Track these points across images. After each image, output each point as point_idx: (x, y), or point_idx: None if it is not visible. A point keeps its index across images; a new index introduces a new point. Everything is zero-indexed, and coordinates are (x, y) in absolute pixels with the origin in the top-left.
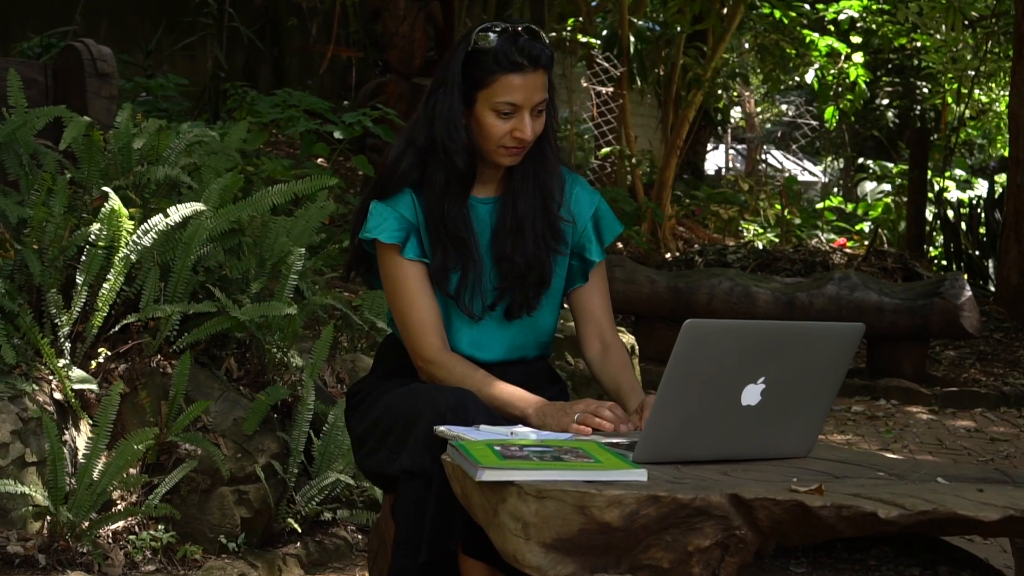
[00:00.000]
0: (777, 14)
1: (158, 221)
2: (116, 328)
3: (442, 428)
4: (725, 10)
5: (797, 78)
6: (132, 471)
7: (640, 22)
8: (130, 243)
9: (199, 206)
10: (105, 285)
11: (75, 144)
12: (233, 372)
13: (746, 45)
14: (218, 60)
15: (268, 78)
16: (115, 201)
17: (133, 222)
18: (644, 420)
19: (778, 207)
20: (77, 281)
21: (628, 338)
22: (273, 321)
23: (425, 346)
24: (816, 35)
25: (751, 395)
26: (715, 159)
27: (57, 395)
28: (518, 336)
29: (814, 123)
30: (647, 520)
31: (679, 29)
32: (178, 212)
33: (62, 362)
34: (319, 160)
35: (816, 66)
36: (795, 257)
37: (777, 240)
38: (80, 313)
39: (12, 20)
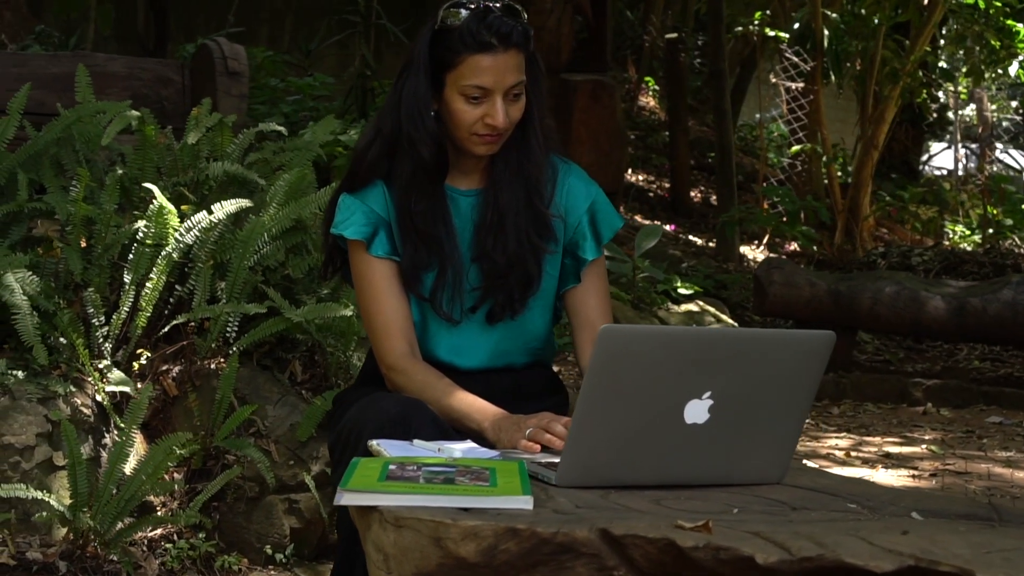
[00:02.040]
0: (981, 4)
1: (202, 218)
2: (166, 328)
3: (373, 443)
4: (926, 1)
5: (1000, 71)
6: (176, 476)
7: (834, 14)
8: (172, 241)
9: (245, 202)
10: (148, 284)
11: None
12: (297, 376)
13: (943, 39)
14: (365, 58)
15: None
16: (161, 198)
17: (181, 220)
18: None
19: (990, 208)
20: (125, 280)
21: None
22: (333, 323)
23: (388, 351)
24: (1022, 25)
25: (696, 412)
26: (945, 159)
27: (99, 397)
28: (503, 341)
29: None
30: (509, 556)
31: (876, 21)
32: (223, 209)
33: (103, 363)
34: None
35: (1021, 58)
36: (984, 260)
37: (980, 241)
38: (128, 313)
39: (196, 23)
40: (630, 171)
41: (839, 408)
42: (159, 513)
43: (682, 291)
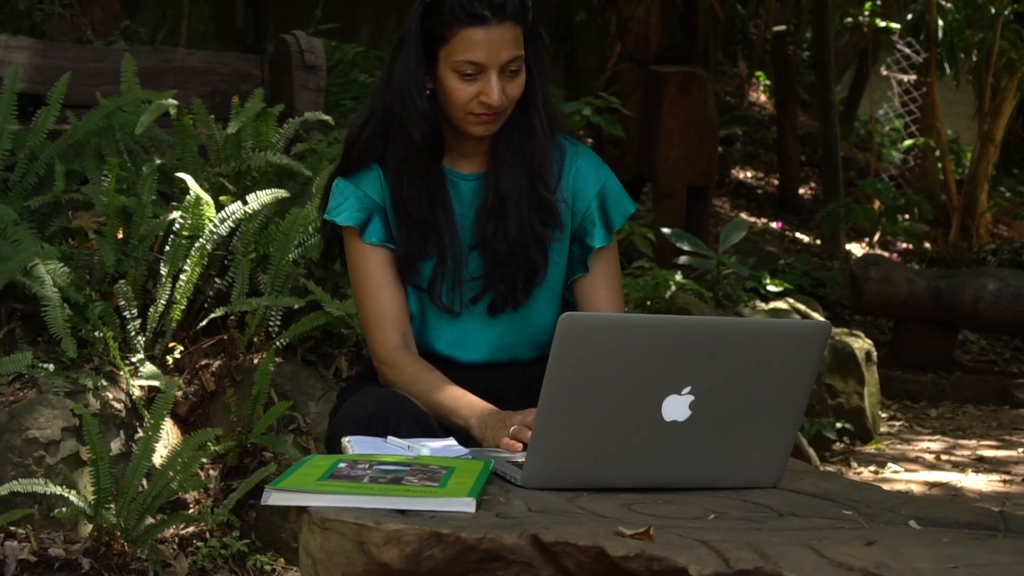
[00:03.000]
0: None
1: (236, 209)
2: (204, 322)
3: (345, 440)
4: None
5: None
6: (211, 473)
7: (949, 4)
8: (207, 232)
9: (281, 193)
10: (182, 277)
11: (177, 128)
12: (343, 371)
13: None
14: None
15: (559, 74)
16: (195, 188)
17: (218, 211)
18: None
19: None
20: (161, 272)
21: (863, 343)
22: None
23: (379, 344)
24: None
25: (676, 409)
26: None
27: (135, 391)
28: (506, 334)
29: None
30: (435, 563)
31: (993, 11)
32: (257, 200)
33: (136, 357)
34: None
35: None
36: None
37: None
38: (164, 306)
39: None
40: (737, 167)
41: (937, 410)
42: (192, 511)
43: (771, 288)
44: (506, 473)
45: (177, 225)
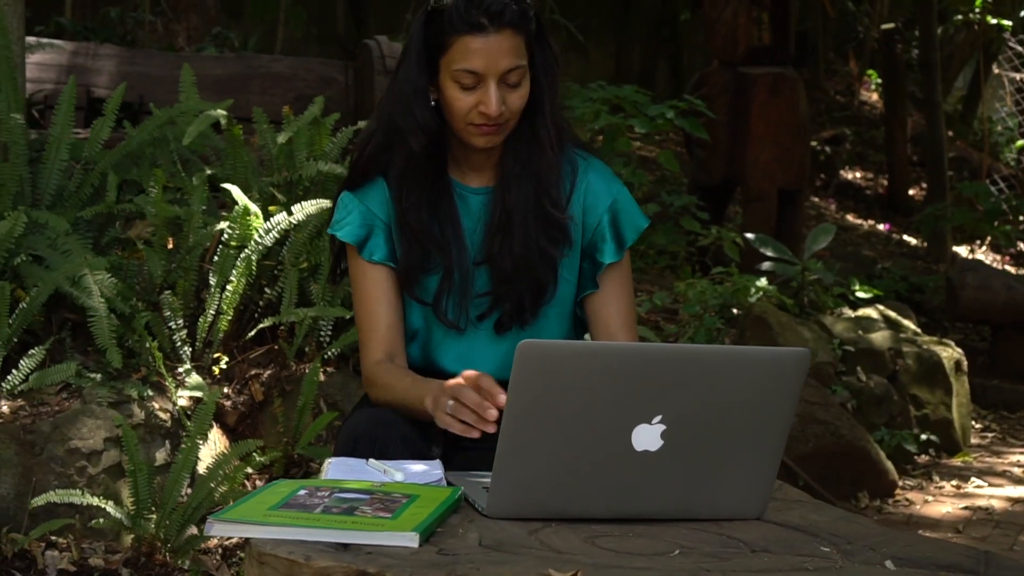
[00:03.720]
0: None
1: (281, 220)
2: (252, 333)
3: (327, 462)
4: None
5: None
6: (258, 483)
7: None
8: (253, 243)
9: (326, 203)
10: (228, 287)
11: (228, 138)
12: None
13: None
14: None
15: (664, 74)
16: (242, 198)
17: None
18: None
19: None
20: (210, 282)
21: (952, 352)
22: None
23: (363, 360)
24: None
25: (647, 438)
26: None
27: (182, 401)
28: (514, 352)
29: None
30: None
31: None
32: (303, 210)
33: (182, 367)
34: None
35: None
36: None
37: None
38: (213, 316)
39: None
40: (846, 167)
41: None
42: None
43: (860, 294)
44: (475, 501)
45: (225, 235)
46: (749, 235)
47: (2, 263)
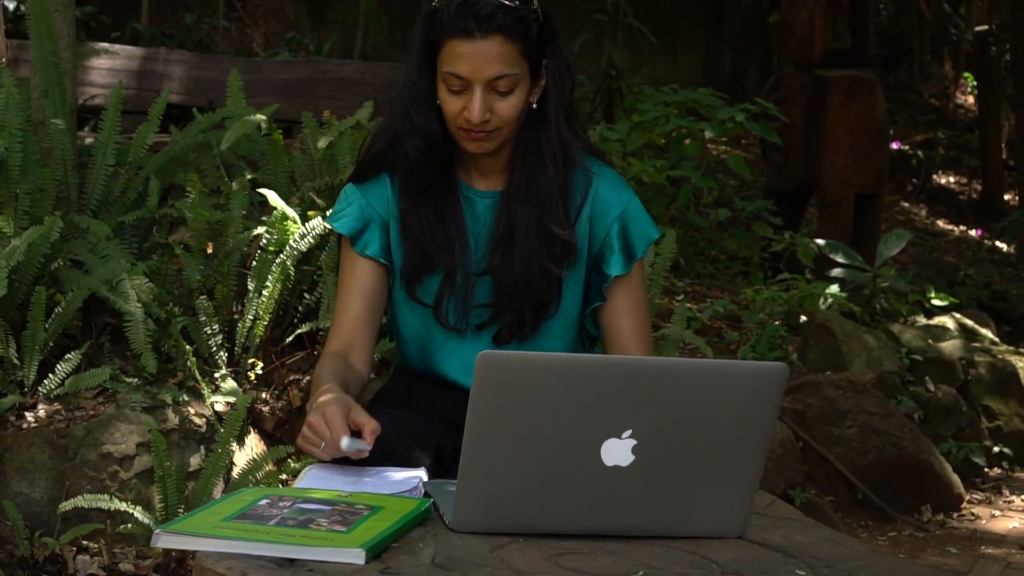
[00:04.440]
0: None
1: (316, 225)
2: (290, 339)
3: (306, 469)
4: None
5: None
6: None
7: None
8: (288, 248)
9: None
10: (264, 292)
11: (268, 144)
12: None
13: None
14: (611, 58)
15: (756, 77)
16: (279, 203)
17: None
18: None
19: None
20: (249, 288)
21: None
22: None
23: (324, 347)
24: None
25: (617, 453)
26: None
27: (218, 407)
28: None
29: None
30: None
31: None
32: None
33: (218, 373)
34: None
35: None
36: None
37: None
38: (251, 321)
39: None
40: (939, 171)
41: None
42: None
43: (936, 302)
44: (445, 513)
45: (264, 240)
46: (820, 241)
47: (39, 267)
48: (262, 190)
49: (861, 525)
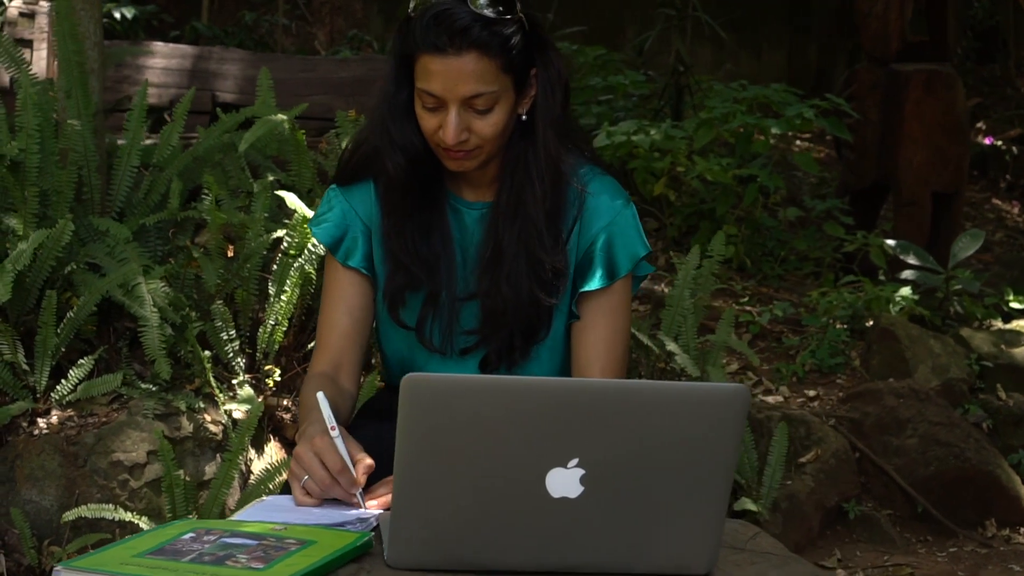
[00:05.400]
0: None
1: None
2: (310, 345)
3: (260, 499)
4: None
5: None
6: None
7: None
8: (306, 252)
9: None
10: (283, 297)
11: (292, 145)
12: None
13: None
14: (679, 53)
15: (844, 73)
16: (297, 206)
17: None
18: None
19: None
20: (269, 292)
21: None
22: None
23: (310, 366)
24: None
25: (563, 484)
26: None
27: (236, 414)
28: None
29: None
30: None
31: None
32: None
33: (236, 379)
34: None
35: None
36: None
37: None
38: (272, 327)
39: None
40: None
41: None
42: None
43: (1015, 305)
44: (385, 548)
45: (284, 244)
46: (890, 241)
47: (50, 271)
48: (282, 192)
49: (920, 540)
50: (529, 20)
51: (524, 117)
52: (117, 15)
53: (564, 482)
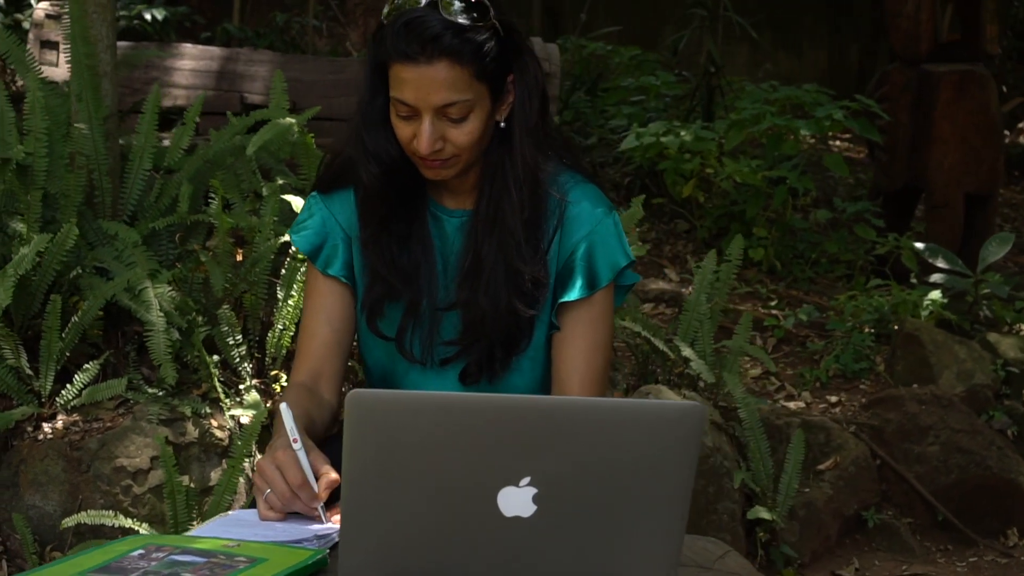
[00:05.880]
0: None
1: None
2: None
3: (229, 512)
4: None
5: None
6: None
7: None
8: None
9: None
10: (289, 302)
11: (301, 147)
12: None
13: None
14: (710, 54)
15: (873, 71)
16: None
17: None
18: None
19: None
20: (278, 297)
21: None
22: None
23: (291, 376)
24: None
25: (516, 503)
26: None
27: (243, 419)
28: None
29: None
30: None
31: None
32: None
33: (243, 385)
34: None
35: None
36: None
37: None
38: (280, 331)
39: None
40: None
41: None
42: None
43: None
44: (340, 566)
45: (293, 248)
46: (919, 244)
47: (55, 275)
48: (287, 196)
49: (940, 549)
50: (504, 26)
51: (503, 124)
52: (148, 16)
53: (517, 501)
